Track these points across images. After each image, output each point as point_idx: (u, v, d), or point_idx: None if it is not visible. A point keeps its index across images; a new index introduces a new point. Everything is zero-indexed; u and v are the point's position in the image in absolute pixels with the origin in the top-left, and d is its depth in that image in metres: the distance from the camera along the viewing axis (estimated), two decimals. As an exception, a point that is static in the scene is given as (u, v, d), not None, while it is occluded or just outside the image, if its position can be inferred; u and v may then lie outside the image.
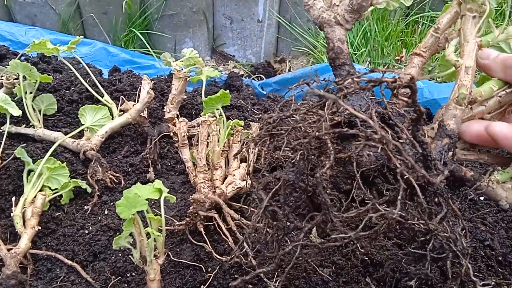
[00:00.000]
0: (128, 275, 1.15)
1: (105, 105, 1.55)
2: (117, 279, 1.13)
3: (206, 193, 1.23)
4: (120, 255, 1.19)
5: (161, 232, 1.01)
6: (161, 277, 1.05)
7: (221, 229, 1.20)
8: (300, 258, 1.22)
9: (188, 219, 1.22)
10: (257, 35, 2.76)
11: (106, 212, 1.31)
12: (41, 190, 1.26)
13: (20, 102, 1.49)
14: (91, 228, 1.25)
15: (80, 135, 1.51)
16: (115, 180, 1.38)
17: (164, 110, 1.65)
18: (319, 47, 2.62)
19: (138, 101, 1.55)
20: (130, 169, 1.45)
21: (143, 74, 1.76)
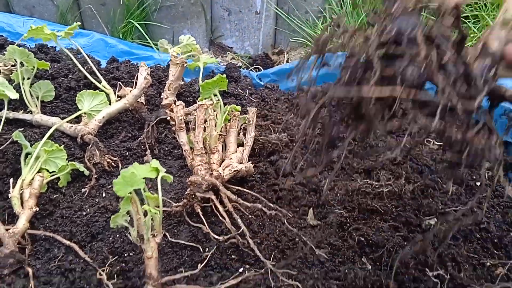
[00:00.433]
0: (125, 255, 1.16)
1: (102, 91, 1.55)
2: (114, 259, 1.14)
3: (203, 175, 1.24)
4: (117, 236, 1.20)
5: (158, 210, 1.01)
6: (158, 257, 1.06)
7: (218, 210, 1.20)
8: (297, 239, 1.23)
9: (185, 200, 1.22)
10: (255, 26, 2.76)
11: (103, 194, 1.32)
12: (39, 172, 1.26)
13: (17, 88, 1.49)
14: (88, 210, 1.26)
15: (77, 121, 1.52)
16: (113, 164, 1.39)
17: (161, 97, 1.66)
18: (317, 39, 2.62)
19: (135, 87, 1.56)
20: (127, 154, 1.46)
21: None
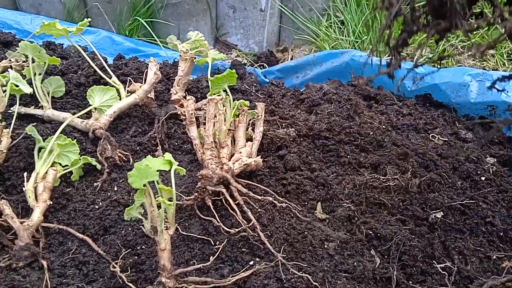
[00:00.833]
0: (138, 248, 1.18)
1: (113, 86, 1.57)
2: (127, 251, 1.16)
3: (213, 169, 1.25)
4: (130, 229, 1.22)
5: (172, 202, 1.03)
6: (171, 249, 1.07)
7: (229, 203, 1.22)
8: (306, 232, 1.25)
9: (196, 194, 1.24)
10: (259, 24, 2.77)
11: (115, 188, 1.33)
12: (52, 166, 1.28)
13: (29, 84, 1.51)
14: (101, 203, 1.28)
15: (88, 116, 1.53)
16: (124, 158, 1.41)
17: (170, 93, 1.67)
18: (322, 36, 2.63)
19: (145, 83, 1.58)
20: (138, 148, 1.48)
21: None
